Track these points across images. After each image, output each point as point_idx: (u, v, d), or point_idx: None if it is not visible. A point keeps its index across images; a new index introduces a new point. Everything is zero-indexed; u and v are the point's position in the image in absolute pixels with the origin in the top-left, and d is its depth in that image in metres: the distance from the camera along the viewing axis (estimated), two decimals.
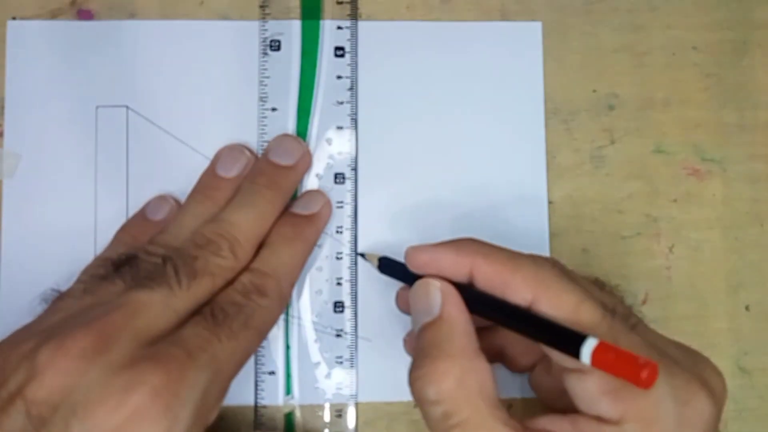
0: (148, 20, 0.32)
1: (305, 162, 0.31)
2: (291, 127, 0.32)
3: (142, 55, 0.32)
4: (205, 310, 0.26)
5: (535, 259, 0.26)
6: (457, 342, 0.25)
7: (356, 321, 0.31)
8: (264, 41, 0.32)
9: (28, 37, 0.32)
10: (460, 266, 0.26)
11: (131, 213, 0.31)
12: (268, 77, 0.32)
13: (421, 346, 0.25)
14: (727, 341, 0.33)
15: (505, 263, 0.25)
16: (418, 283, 0.27)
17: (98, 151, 0.31)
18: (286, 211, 0.30)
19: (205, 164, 0.31)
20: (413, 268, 0.27)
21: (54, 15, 0.32)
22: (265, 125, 0.32)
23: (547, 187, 0.33)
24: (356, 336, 0.31)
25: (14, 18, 0.32)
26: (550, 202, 0.33)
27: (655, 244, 0.33)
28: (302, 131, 0.32)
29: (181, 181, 0.31)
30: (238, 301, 0.26)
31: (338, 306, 0.31)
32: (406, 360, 0.31)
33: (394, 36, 0.33)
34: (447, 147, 0.32)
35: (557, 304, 0.24)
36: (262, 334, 0.28)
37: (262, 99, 0.32)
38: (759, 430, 0.32)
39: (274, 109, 0.32)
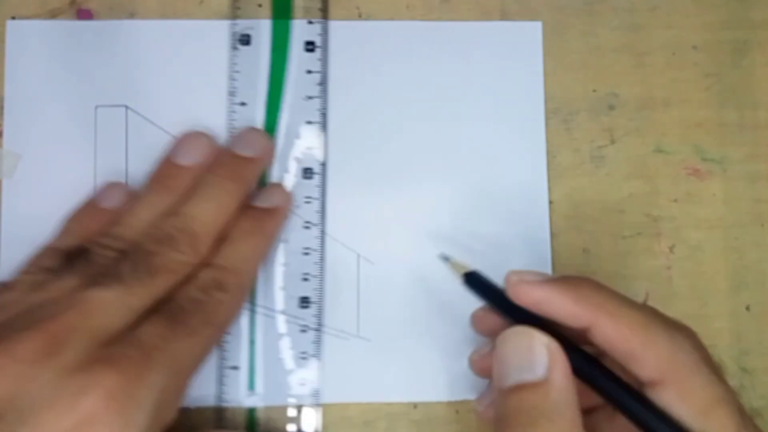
0: (147, 20, 0.32)
1: (268, 155, 0.31)
2: (260, 120, 0.32)
3: (142, 55, 0.32)
4: (163, 308, 0.25)
5: (673, 335, 0.22)
6: (568, 416, 0.21)
7: (321, 317, 0.31)
8: (234, 35, 0.32)
9: (27, 37, 0.32)
10: (578, 318, 0.22)
11: None
12: (237, 72, 0.32)
13: (515, 410, 0.21)
14: (727, 341, 0.33)
15: (637, 332, 0.22)
16: (518, 332, 0.23)
17: (98, 151, 0.31)
18: (246, 204, 0.30)
19: None
20: (519, 301, 0.23)
21: (53, 15, 0.32)
22: (234, 120, 0.31)
23: (547, 187, 0.33)
24: (321, 332, 0.31)
25: (14, 18, 0.32)
26: (550, 202, 0.33)
27: (656, 244, 0.33)
28: (271, 126, 0.32)
29: None
30: (198, 297, 0.26)
31: (304, 302, 0.31)
32: (406, 360, 0.31)
33: (394, 36, 0.33)
34: (447, 147, 0.32)
35: (688, 397, 0.21)
36: (223, 330, 0.27)
37: (232, 93, 0.32)
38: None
39: (243, 104, 0.31)
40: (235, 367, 0.31)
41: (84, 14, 0.32)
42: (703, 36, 0.34)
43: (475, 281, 0.26)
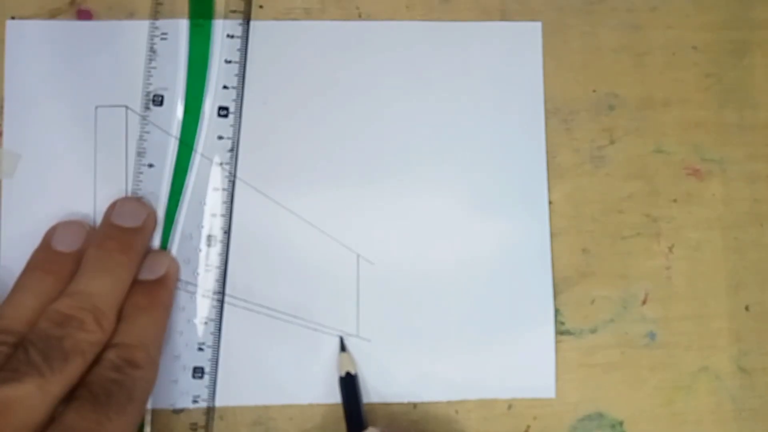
0: (147, 20, 0.32)
1: (151, 223, 0.30)
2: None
3: (141, 55, 0.32)
4: (83, 393, 0.25)
5: None
6: None
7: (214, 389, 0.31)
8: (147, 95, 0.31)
9: (27, 37, 0.32)
10: None
11: None
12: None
13: None
14: (727, 341, 0.33)
15: None
16: None
17: (98, 151, 0.31)
18: (135, 279, 0.29)
19: (203, 165, 0.31)
20: None
21: (53, 15, 0.32)
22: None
23: (547, 187, 0.33)
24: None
25: (13, 18, 0.32)
26: (550, 202, 0.33)
27: (655, 244, 0.33)
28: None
29: None
30: (115, 377, 0.26)
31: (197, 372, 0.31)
32: (407, 360, 0.31)
33: (394, 36, 0.33)
34: (447, 147, 0.32)
35: None
36: (145, 403, 0.27)
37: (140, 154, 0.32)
38: (759, 430, 0.32)
39: (151, 165, 0.31)
40: None
41: (84, 14, 0.32)
42: (703, 36, 0.34)
43: (348, 383, 0.30)
